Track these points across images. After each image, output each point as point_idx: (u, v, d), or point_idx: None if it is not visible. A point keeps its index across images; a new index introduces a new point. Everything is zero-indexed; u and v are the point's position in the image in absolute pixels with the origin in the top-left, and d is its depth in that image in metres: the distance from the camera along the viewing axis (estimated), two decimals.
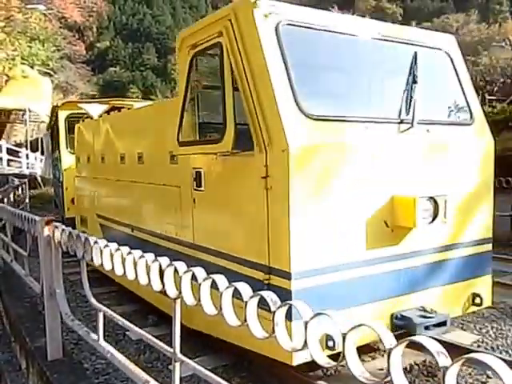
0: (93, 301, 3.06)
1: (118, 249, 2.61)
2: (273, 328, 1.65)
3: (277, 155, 3.09)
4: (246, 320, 1.77)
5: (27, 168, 21.98)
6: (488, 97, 23.15)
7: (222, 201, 3.71)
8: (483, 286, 4.10)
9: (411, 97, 3.73)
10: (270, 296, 1.71)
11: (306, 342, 1.55)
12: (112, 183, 6.13)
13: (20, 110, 25.15)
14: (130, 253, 2.53)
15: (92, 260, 2.84)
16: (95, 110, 7.94)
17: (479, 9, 57.30)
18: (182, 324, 2.37)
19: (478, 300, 4.03)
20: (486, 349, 4.32)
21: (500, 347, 4.38)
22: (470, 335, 4.64)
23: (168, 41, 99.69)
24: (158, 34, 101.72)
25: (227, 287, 1.93)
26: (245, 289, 1.84)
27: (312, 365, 3.77)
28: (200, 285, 2.04)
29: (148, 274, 2.37)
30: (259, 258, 3.26)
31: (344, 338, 1.42)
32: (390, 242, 3.51)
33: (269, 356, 3.22)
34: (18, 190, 11.98)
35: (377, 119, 3.56)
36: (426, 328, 3.44)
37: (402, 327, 3.45)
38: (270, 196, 3.15)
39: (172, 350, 2.32)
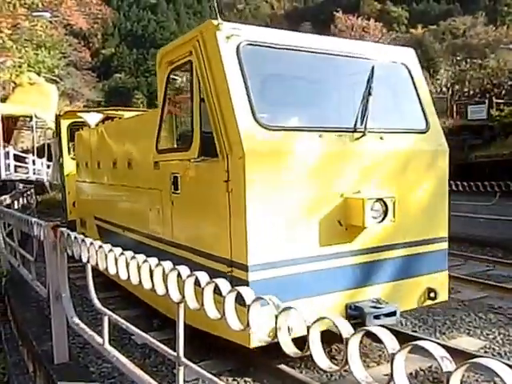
0: (98, 305, 3.06)
1: (122, 253, 2.62)
2: (223, 311, 1.87)
3: (235, 162, 3.43)
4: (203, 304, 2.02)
5: (34, 174, 22.04)
6: (495, 100, 23.06)
7: (193, 202, 4.05)
8: (438, 281, 4.32)
9: (365, 108, 4.01)
10: (223, 284, 1.97)
11: (248, 323, 1.74)
12: (106, 187, 6.46)
13: (27, 117, 25.23)
14: (133, 257, 2.54)
15: (97, 264, 2.84)
16: (92, 119, 8.37)
17: (486, 11, 56.55)
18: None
19: (432, 294, 4.26)
20: (493, 355, 4.23)
21: (508, 353, 4.29)
22: (477, 341, 4.57)
23: None
24: (162, 39, 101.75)
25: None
26: (202, 276, 2.04)
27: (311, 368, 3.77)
28: (203, 289, 2.04)
29: (151, 278, 2.38)
30: (223, 253, 3.61)
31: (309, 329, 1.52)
32: (343, 240, 3.81)
33: (229, 339, 3.53)
34: (25, 195, 12.03)
35: (331, 128, 3.84)
36: (376, 317, 3.68)
37: (355, 317, 3.70)
38: (231, 198, 3.49)
39: (176, 354, 2.32)
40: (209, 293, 2.04)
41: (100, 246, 2.80)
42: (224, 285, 1.96)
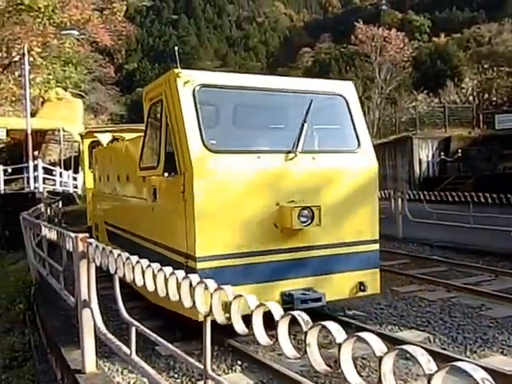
0: (125, 315, 3.05)
1: (149, 265, 2.60)
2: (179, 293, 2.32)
3: (187, 178, 4.32)
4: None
5: (60, 186, 22.37)
6: None
7: (164, 209, 4.93)
8: (369, 277, 5.03)
9: (300, 133, 4.79)
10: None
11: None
12: (112, 197, 7.40)
13: (54, 130, 25.69)
14: (160, 269, 2.52)
15: (124, 276, 2.83)
16: (104, 139, 9.43)
17: None
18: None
19: (363, 287, 4.97)
20: None
21: None
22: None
23: (193, 60, 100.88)
24: (183, 54, 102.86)
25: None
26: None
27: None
28: (231, 303, 2.01)
29: (178, 290, 2.35)
30: (182, 248, 4.47)
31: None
32: (279, 240, 4.59)
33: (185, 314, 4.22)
34: (52, 206, 12.18)
35: (269, 151, 4.71)
36: (304, 302, 4.44)
37: (287, 302, 4.41)
38: (186, 205, 4.35)
39: (203, 367, 2.28)
40: (236, 306, 2.01)
41: (127, 258, 2.79)
42: (251, 299, 1.93)
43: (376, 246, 5.11)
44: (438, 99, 34.35)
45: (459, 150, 22.30)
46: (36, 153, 24.55)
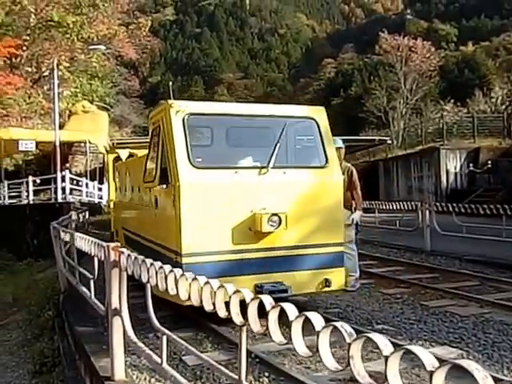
0: (157, 324, 3.05)
1: (183, 275, 2.60)
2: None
3: (176, 188, 5.20)
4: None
5: (86, 196, 22.75)
6: None
7: (162, 214, 5.77)
8: (334, 274, 5.69)
9: (272, 152, 5.56)
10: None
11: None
12: (127, 205, 8.45)
13: (81, 142, 26.17)
14: (194, 279, 2.51)
15: (157, 285, 2.83)
16: (123, 154, 10.75)
17: None
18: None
19: (328, 283, 5.63)
20: None
21: None
22: None
23: (215, 73, 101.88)
24: (205, 66, 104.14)
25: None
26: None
27: None
28: (268, 313, 1.99)
29: (213, 300, 2.34)
30: (173, 247, 5.32)
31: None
32: (252, 241, 5.38)
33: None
34: (79, 216, 12.37)
35: (245, 167, 5.62)
36: (271, 292, 4.96)
37: (258, 292, 5.01)
38: (175, 211, 5.22)
39: (237, 377, 2.26)
40: (274, 316, 1.99)
41: (160, 267, 2.80)
42: (290, 308, 1.90)
43: (340, 248, 5.89)
44: (466, 109, 33.78)
45: (489, 161, 21.85)
46: (67, 164, 25.09)
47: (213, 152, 6.14)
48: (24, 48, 30.46)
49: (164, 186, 5.60)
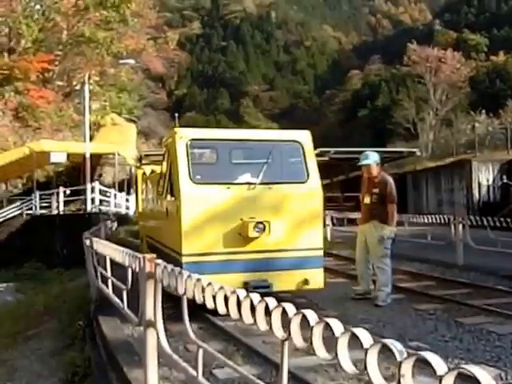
0: (193, 337, 3.03)
1: (222, 288, 2.58)
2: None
3: (179, 200, 6.28)
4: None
5: (115, 207, 23.02)
6: None
7: (171, 222, 6.79)
8: (313, 275, 6.54)
9: (260, 170, 6.56)
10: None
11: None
12: (149, 215, 9.55)
13: (109, 154, 26.60)
14: (233, 292, 2.49)
15: (194, 298, 2.82)
16: (148, 170, 11.72)
17: None
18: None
19: (307, 282, 6.48)
20: None
21: None
22: None
23: (241, 85, 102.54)
24: (231, 79, 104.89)
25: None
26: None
27: None
28: (312, 328, 1.96)
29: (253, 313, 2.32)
30: (177, 249, 6.33)
31: None
32: (242, 244, 6.30)
33: None
34: (108, 226, 12.55)
35: (236, 183, 6.56)
36: (256, 288, 5.66)
37: (246, 289, 4.86)
38: (178, 219, 6.26)
39: None
40: (318, 331, 1.95)
41: (198, 280, 2.79)
42: (336, 324, 1.87)
43: (320, 252, 6.74)
44: (499, 120, 33.08)
45: None
46: (97, 176, 25.50)
47: (210, 170, 7.17)
48: (56, 63, 31.36)
49: (171, 198, 6.73)
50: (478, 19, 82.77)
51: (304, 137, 7.07)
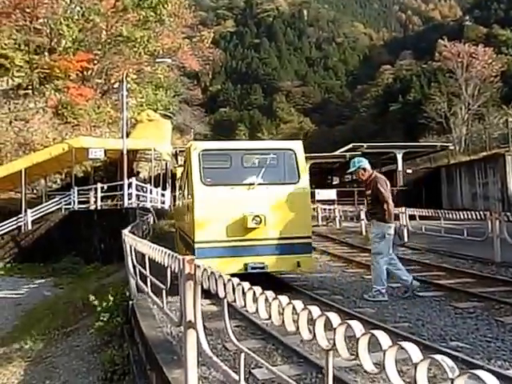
0: (235, 341, 2.97)
1: (263, 293, 2.50)
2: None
3: (193, 198, 7.62)
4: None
5: (150, 202, 23.06)
6: None
7: (188, 215, 8.24)
8: (304, 259, 7.72)
9: (258, 173, 7.81)
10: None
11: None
12: (179, 209, 11.16)
13: (145, 150, 26.80)
14: (275, 298, 2.40)
15: (235, 301, 2.75)
16: (180, 170, 12.70)
17: None
18: None
19: (299, 265, 7.65)
20: None
21: None
22: None
23: (274, 81, 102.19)
24: (264, 75, 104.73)
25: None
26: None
27: None
28: (358, 340, 1.86)
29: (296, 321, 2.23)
30: (192, 237, 7.62)
31: None
32: (244, 233, 7.54)
33: None
34: (145, 222, 12.64)
35: (238, 184, 7.78)
36: (253, 268, 7.40)
37: (245, 268, 7.38)
38: (193, 213, 7.58)
39: None
40: (364, 343, 1.85)
41: (238, 284, 2.71)
42: (383, 337, 1.76)
43: (309, 240, 7.90)
44: None
45: None
46: (134, 171, 25.69)
47: (218, 174, 8.25)
48: (95, 62, 31.83)
49: (188, 196, 8.24)
50: (507, 15, 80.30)
51: (297, 146, 8.36)
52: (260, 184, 7.76)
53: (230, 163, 8.20)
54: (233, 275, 2.81)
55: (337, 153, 35.83)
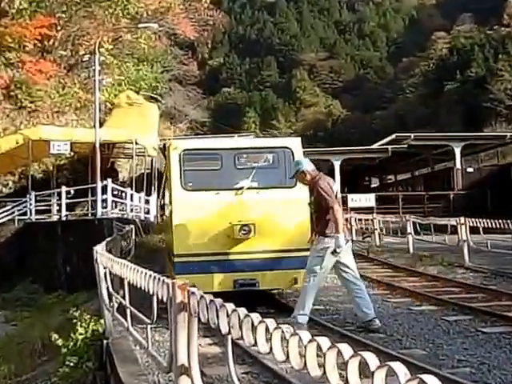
0: None
1: (278, 327, 2.51)
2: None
3: (172, 205, 8.65)
4: None
5: (131, 211, 22.84)
6: None
7: (169, 225, 9.03)
8: (300, 274, 8.14)
9: (248, 176, 8.60)
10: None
11: None
12: (165, 218, 12.58)
13: (125, 143, 26.78)
14: (294, 334, 2.42)
15: (242, 338, 2.76)
16: None
17: None
18: None
19: (295, 281, 8.35)
20: None
21: None
22: None
23: (293, 52, 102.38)
24: (280, 44, 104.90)
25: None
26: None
27: None
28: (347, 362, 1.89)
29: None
30: (172, 249, 8.57)
31: None
32: (231, 245, 8.29)
33: None
34: (125, 237, 12.70)
35: (225, 189, 8.54)
36: (242, 285, 8.18)
37: (234, 286, 8.14)
38: (172, 222, 8.56)
39: None
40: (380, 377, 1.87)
41: (246, 316, 2.72)
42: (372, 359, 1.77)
43: (307, 253, 8.06)
44: None
45: None
46: (110, 170, 25.60)
47: (202, 177, 9.11)
48: (58, 28, 31.99)
49: (169, 203, 9.00)
50: None
51: (295, 144, 9.12)
52: (250, 188, 8.56)
53: (220, 164, 8.98)
54: (219, 294, 3.14)
55: (376, 146, 35.83)
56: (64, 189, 21.08)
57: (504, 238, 14.38)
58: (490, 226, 13.89)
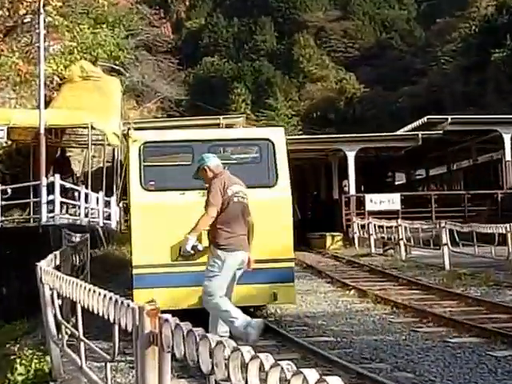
0: None
1: (277, 364, 2.53)
2: None
3: (130, 207, 10.24)
4: None
5: (86, 216, 22.80)
6: None
7: (129, 230, 10.91)
8: (282, 289, 9.29)
9: None
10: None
11: None
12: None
13: (78, 128, 26.73)
14: (298, 373, 2.44)
15: (229, 379, 2.78)
16: None
17: None
18: None
19: (275, 297, 9.28)
20: None
21: None
22: None
23: (295, 11, 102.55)
24: (278, 1, 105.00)
25: None
26: None
27: None
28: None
29: None
30: (131, 260, 9.72)
31: None
32: (199, 255, 8.52)
33: None
34: (78, 250, 12.68)
35: (192, 189, 9.27)
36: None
37: (202, 303, 8.19)
38: (130, 227, 10.18)
39: None
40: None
41: (236, 349, 2.73)
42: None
43: (291, 264, 9.49)
44: None
45: None
46: (58, 163, 25.53)
47: (165, 175, 9.86)
48: None
49: (128, 205, 9.70)
50: None
51: (276, 135, 9.97)
52: None
53: (191, 159, 9.62)
54: (185, 312, 3.07)
55: (401, 131, 35.89)
56: None
57: None
58: None
